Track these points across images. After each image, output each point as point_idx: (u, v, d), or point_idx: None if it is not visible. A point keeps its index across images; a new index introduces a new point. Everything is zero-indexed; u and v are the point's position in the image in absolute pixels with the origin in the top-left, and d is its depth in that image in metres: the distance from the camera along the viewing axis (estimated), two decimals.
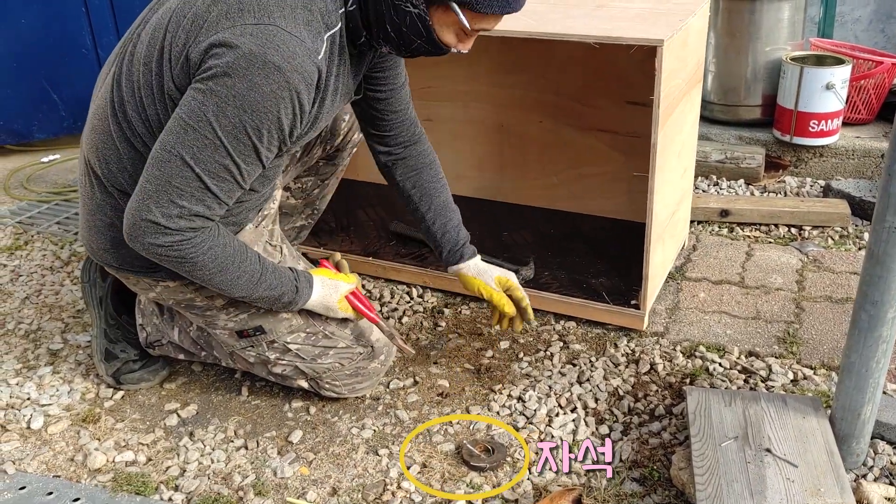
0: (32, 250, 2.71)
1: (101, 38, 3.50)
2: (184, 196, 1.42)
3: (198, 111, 1.38)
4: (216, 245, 1.50)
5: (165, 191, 1.41)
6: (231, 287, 1.57)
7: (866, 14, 3.87)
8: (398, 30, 1.49)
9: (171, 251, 1.46)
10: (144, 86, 1.49)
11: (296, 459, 1.75)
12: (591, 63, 2.43)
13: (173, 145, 1.40)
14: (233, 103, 1.36)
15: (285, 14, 1.38)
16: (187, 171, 1.40)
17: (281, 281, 1.64)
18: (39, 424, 1.87)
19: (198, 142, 1.39)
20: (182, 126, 1.39)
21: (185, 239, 1.45)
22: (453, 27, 1.49)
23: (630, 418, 1.82)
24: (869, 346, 1.50)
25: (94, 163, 1.60)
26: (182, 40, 1.42)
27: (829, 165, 2.98)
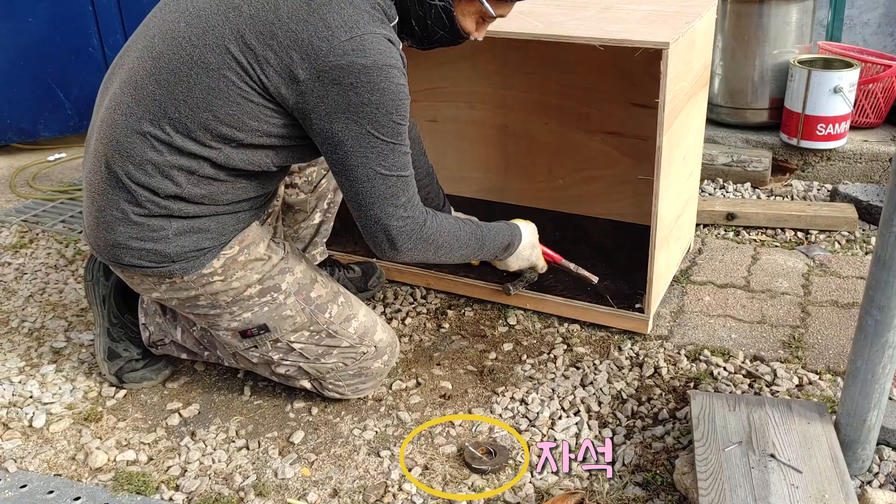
0: (37, 248, 2.71)
1: (107, 38, 3.50)
2: (399, 195, 1.61)
3: (361, 136, 1.53)
4: (438, 217, 1.71)
5: (388, 204, 1.60)
6: (466, 250, 1.79)
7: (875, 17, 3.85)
8: (423, 23, 1.63)
9: (422, 241, 1.66)
10: (213, 89, 1.51)
11: (297, 460, 1.74)
12: (597, 65, 2.42)
13: (366, 171, 1.57)
14: (380, 113, 1.52)
15: (366, 19, 1.51)
16: (390, 180, 1.59)
17: (500, 230, 1.89)
18: (41, 423, 1.87)
19: (380, 156, 1.56)
20: (360, 154, 1.55)
21: (427, 226, 1.66)
22: (475, 15, 1.66)
23: (633, 422, 1.81)
24: (875, 352, 1.48)
25: (112, 157, 1.59)
26: (274, 52, 1.49)
27: (836, 169, 2.96)
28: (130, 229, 1.61)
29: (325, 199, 2.18)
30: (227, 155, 1.56)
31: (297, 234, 2.18)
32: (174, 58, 1.53)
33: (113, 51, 3.53)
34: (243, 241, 1.70)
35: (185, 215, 1.61)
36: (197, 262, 1.65)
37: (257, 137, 1.56)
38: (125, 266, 1.67)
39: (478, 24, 1.68)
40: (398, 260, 1.69)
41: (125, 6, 3.50)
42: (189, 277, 1.67)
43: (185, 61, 1.52)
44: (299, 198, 2.12)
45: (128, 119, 1.57)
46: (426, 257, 1.71)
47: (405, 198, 1.62)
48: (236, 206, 1.67)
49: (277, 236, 1.81)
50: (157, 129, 1.54)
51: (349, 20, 1.48)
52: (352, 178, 1.58)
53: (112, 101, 1.61)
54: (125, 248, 1.64)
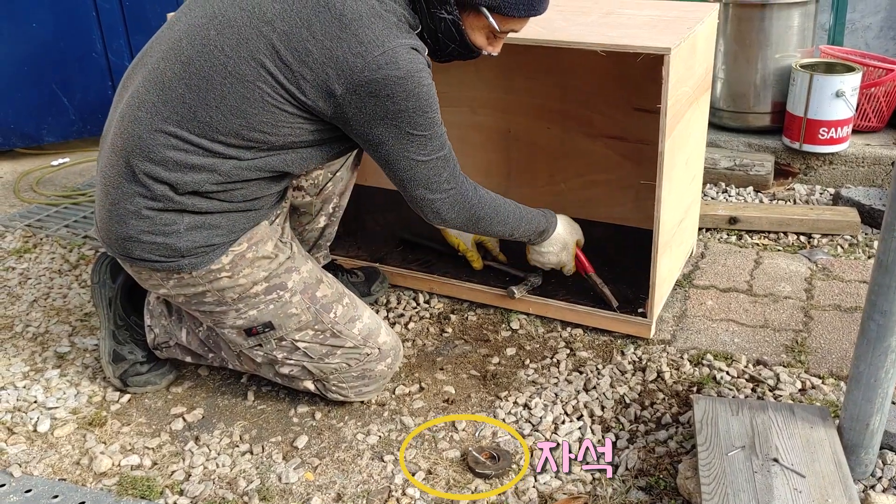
0: (41, 253, 2.72)
1: (111, 43, 3.51)
2: (441, 173, 1.70)
3: (400, 136, 1.62)
4: (478, 189, 1.81)
5: (430, 183, 1.70)
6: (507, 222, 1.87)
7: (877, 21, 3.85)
8: (434, 36, 1.69)
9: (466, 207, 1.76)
10: (245, 98, 1.57)
11: (301, 465, 1.75)
12: (599, 70, 2.42)
13: (408, 162, 1.66)
14: (416, 115, 1.60)
15: (395, 32, 1.58)
16: (431, 162, 1.68)
17: (534, 216, 1.96)
18: (46, 427, 1.88)
19: (419, 146, 1.65)
20: (401, 150, 1.64)
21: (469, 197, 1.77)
22: (484, 30, 1.70)
23: (636, 426, 1.82)
24: (878, 356, 1.48)
25: (132, 152, 1.61)
26: (308, 68, 1.55)
27: (838, 173, 2.97)
28: (143, 223, 1.64)
29: (330, 202, 2.19)
30: (254, 156, 1.62)
31: (302, 237, 2.19)
32: (206, 65, 1.58)
33: (117, 56, 3.54)
34: (252, 239, 1.72)
35: (198, 211, 1.64)
36: (206, 257, 1.67)
37: (289, 140, 1.63)
38: (135, 260, 1.69)
39: (489, 38, 1.74)
40: (441, 226, 1.85)
41: (129, 12, 3.51)
42: (197, 273, 1.68)
43: (217, 70, 1.57)
44: (305, 200, 2.13)
45: (153, 117, 1.60)
46: (469, 226, 1.83)
47: (447, 173, 1.71)
48: (249, 205, 1.70)
49: (285, 236, 1.83)
50: (185, 130, 1.59)
51: (380, 35, 1.55)
52: (395, 168, 1.68)
53: (135, 98, 1.63)
54: (136, 241, 1.66)
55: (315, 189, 2.13)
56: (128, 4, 3.50)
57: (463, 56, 1.76)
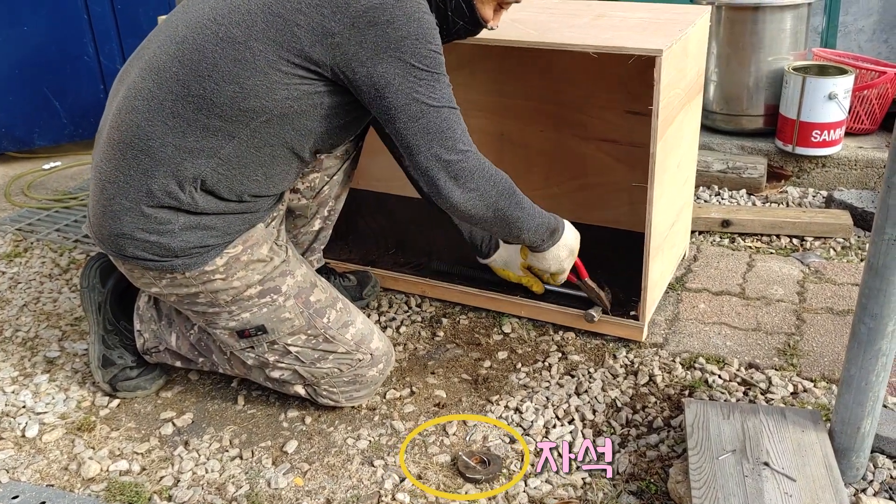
0: (31, 257, 2.70)
1: (103, 47, 3.51)
2: (455, 128, 1.62)
3: (406, 71, 1.55)
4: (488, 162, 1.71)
5: (446, 138, 1.60)
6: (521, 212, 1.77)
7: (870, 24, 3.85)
8: (443, 14, 1.69)
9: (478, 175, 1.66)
10: (244, 60, 1.54)
11: (290, 470, 1.74)
12: (591, 72, 2.42)
13: (419, 107, 1.57)
14: (420, 43, 1.55)
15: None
16: (443, 111, 1.60)
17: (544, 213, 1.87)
18: (34, 433, 1.86)
19: (428, 87, 1.57)
20: (408, 90, 1.55)
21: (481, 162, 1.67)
22: (493, 2, 1.71)
23: (628, 430, 1.81)
24: (868, 359, 1.48)
25: (130, 143, 1.60)
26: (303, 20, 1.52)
27: (831, 176, 2.96)
28: (138, 220, 1.62)
29: (325, 205, 2.18)
30: (252, 133, 1.59)
31: (297, 240, 2.18)
32: (199, 38, 1.57)
33: (109, 59, 3.54)
34: (247, 241, 1.71)
35: (194, 210, 1.63)
36: (200, 258, 1.66)
37: (287, 107, 1.58)
38: (127, 258, 1.68)
39: (495, 10, 1.74)
40: (460, 204, 1.66)
41: (121, 15, 3.51)
42: (190, 274, 1.67)
43: (209, 39, 1.56)
44: (301, 203, 2.12)
45: (150, 103, 1.59)
46: (490, 209, 1.69)
47: (459, 130, 1.63)
48: (245, 206, 1.69)
49: (280, 239, 1.82)
50: (182, 108, 1.57)
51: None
52: (404, 117, 1.58)
53: (131, 89, 1.63)
54: (130, 238, 1.65)
55: (311, 192, 2.12)
56: (119, 8, 3.49)
57: (469, 33, 1.76)
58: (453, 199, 1.65)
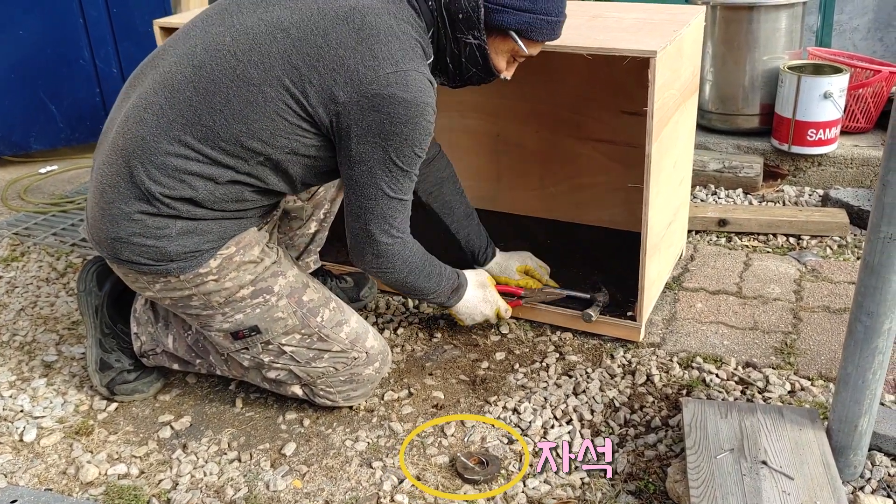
0: (28, 261, 2.70)
1: (98, 51, 3.51)
2: (396, 216, 1.70)
3: (382, 160, 1.61)
4: (415, 248, 1.80)
5: (384, 221, 1.68)
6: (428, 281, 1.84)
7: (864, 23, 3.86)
8: (457, 61, 1.71)
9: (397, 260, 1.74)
10: (250, 103, 1.57)
11: (289, 472, 1.74)
12: (586, 73, 2.42)
13: (376, 191, 1.64)
14: (406, 144, 1.60)
15: (410, 56, 1.59)
16: (394, 202, 1.68)
17: (446, 269, 1.91)
18: (32, 437, 1.86)
19: (392, 180, 1.64)
20: (375, 175, 1.63)
21: (401, 246, 1.74)
22: (507, 54, 1.73)
23: (626, 430, 1.81)
24: (865, 358, 1.48)
25: (133, 153, 1.61)
26: (318, 78, 1.56)
27: (827, 174, 2.97)
28: (135, 225, 1.63)
29: (321, 208, 2.18)
30: (250, 169, 1.62)
31: (292, 242, 2.18)
32: (216, 68, 1.58)
33: (104, 63, 3.54)
34: (240, 242, 1.71)
35: (192, 217, 1.64)
36: (195, 261, 1.66)
37: (285, 155, 1.62)
38: (123, 262, 1.68)
39: (508, 62, 1.76)
40: (373, 274, 1.79)
41: (116, 19, 3.51)
42: (185, 276, 1.67)
43: (226, 73, 1.58)
44: (296, 205, 2.12)
45: (159, 119, 1.60)
46: (397, 278, 1.79)
47: (400, 218, 1.71)
48: (242, 213, 1.70)
49: (271, 241, 1.82)
50: (188, 135, 1.58)
51: (395, 54, 1.56)
52: (361, 193, 1.65)
53: (142, 98, 1.63)
54: (126, 242, 1.65)
55: (307, 195, 2.13)
56: (115, 12, 3.49)
57: (481, 80, 1.78)
58: (367, 268, 1.77)
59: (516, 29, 1.66)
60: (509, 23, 1.65)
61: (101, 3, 3.46)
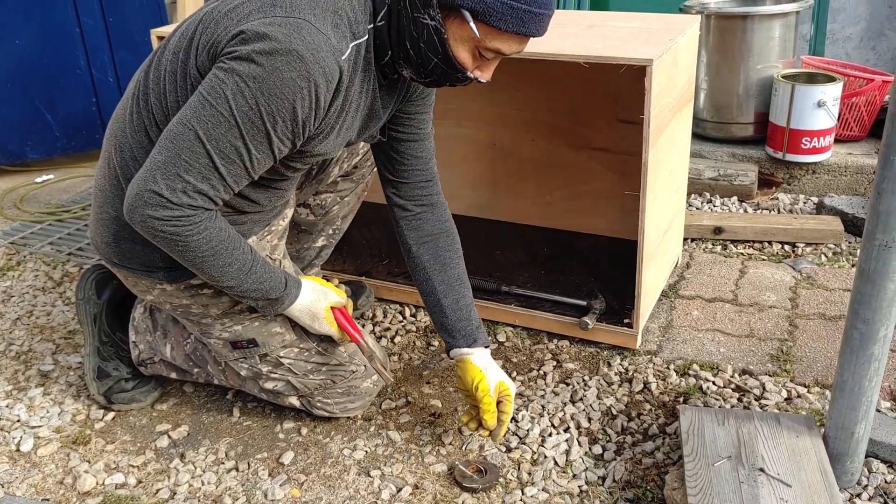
0: (24, 271, 2.70)
1: (95, 59, 3.51)
2: (191, 171, 1.42)
3: (217, 88, 1.39)
4: (211, 227, 1.49)
5: (174, 163, 1.42)
6: (221, 274, 1.55)
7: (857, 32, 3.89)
8: (416, 45, 1.48)
9: (167, 226, 1.44)
10: (170, 73, 1.52)
11: (287, 481, 1.73)
12: (583, 82, 2.44)
13: (189, 119, 1.41)
14: (252, 84, 1.38)
15: (315, 13, 1.41)
16: (198, 147, 1.41)
17: (271, 276, 1.63)
18: (29, 447, 1.86)
19: (213, 118, 1.40)
20: (200, 101, 1.41)
21: (183, 216, 1.44)
22: (468, 43, 1.47)
23: (623, 438, 1.81)
24: (861, 365, 1.49)
25: (112, 153, 1.62)
26: (211, 30, 1.46)
27: (821, 182, 2.99)
28: (123, 229, 1.63)
29: (332, 224, 2.17)
30: None
31: (299, 255, 2.17)
32: (163, 50, 1.58)
33: (100, 72, 3.54)
34: None
35: None
36: (184, 270, 1.63)
37: None
38: (118, 266, 1.68)
39: (474, 56, 1.50)
40: (134, 225, 1.49)
41: (112, 28, 3.51)
42: (177, 285, 1.67)
43: (165, 54, 1.56)
44: (308, 219, 2.11)
45: (125, 112, 1.60)
46: (167, 249, 1.51)
47: (192, 179, 1.42)
48: (230, 221, 1.65)
49: (276, 253, 1.79)
50: (140, 120, 1.57)
51: (297, 5, 1.41)
52: (178, 116, 1.44)
53: (124, 98, 1.65)
54: (117, 247, 1.65)
55: (321, 210, 2.11)
56: (111, 21, 3.50)
57: (448, 76, 1.52)
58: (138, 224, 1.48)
59: (470, 8, 1.40)
60: (462, 1, 1.41)
61: (98, 12, 3.46)
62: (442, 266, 1.83)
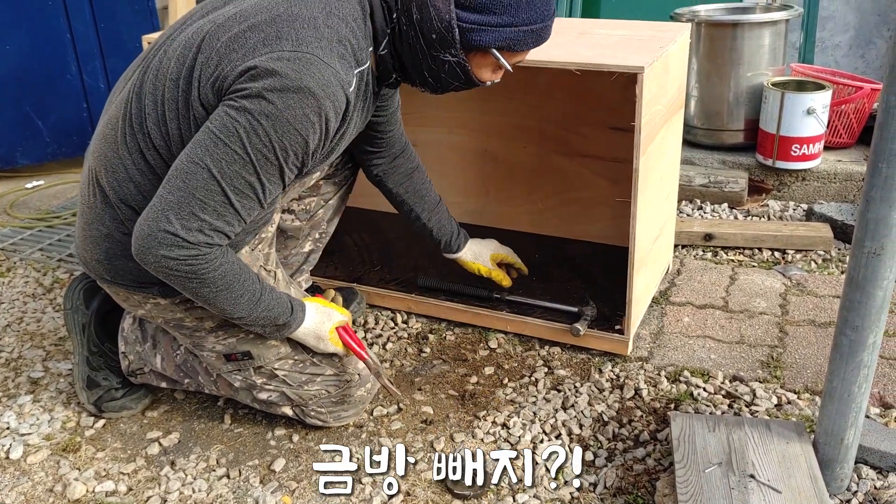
0: (14, 277, 2.69)
1: (86, 66, 3.50)
2: (206, 209, 1.42)
3: (229, 126, 1.40)
4: (225, 262, 1.50)
5: (188, 203, 1.41)
6: (233, 306, 1.56)
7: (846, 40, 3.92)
8: (436, 76, 1.57)
9: (183, 265, 1.44)
10: (170, 101, 1.51)
11: (278, 488, 1.73)
12: (574, 89, 2.44)
13: (200, 157, 1.41)
14: (265, 122, 1.38)
15: (322, 46, 1.42)
16: (213, 185, 1.41)
17: (278, 302, 1.64)
18: (18, 454, 1.85)
19: (227, 156, 1.40)
20: (212, 139, 1.41)
21: (200, 254, 1.44)
22: (490, 66, 1.58)
23: (615, 444, 1.82)
24: (850, 371, 1.50)
25: (99, 173, 1.60)
26: (215, 62, 1.45)
27: (811, 189, 3.00)
28: (114, 246, 1.62)
29: (318, 228, 2.17)
30: None
31: (287, 261, 2.17)
32: (155, 72, 1.55)
33: (91, 78, 3.53)
34: None
35: None
36: None
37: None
38: (109, 282, 1.67)
39: (494, 71, 1.62)
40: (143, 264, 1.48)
41: (104, 34, 3.51)
42: (171, 299, 1.66)
43: (158, 75, 1.54)
44: (294, 224, 2.11)
45: (115, 133, 1.59)
46: (180, 288, 1.51)
47: (208, 218, 1.43)
48: None
49: (270, 264, 1.80)
50: (137, 144, 1.55)
51: (302, 38, 1.41)
52: (188, 154, 1.42)
53: (111, 116, 1.62)
54: (108, 264, 1.64)
55: (306, 215, 2.11)
56: (103, 27, 3.49)
57: (464, 89, 1.63)
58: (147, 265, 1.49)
59: (497, 46, 1.51)
60: (488, 41, 1.50)
61: (89, 19, 3.46)
62: (420, 197, 2.09)
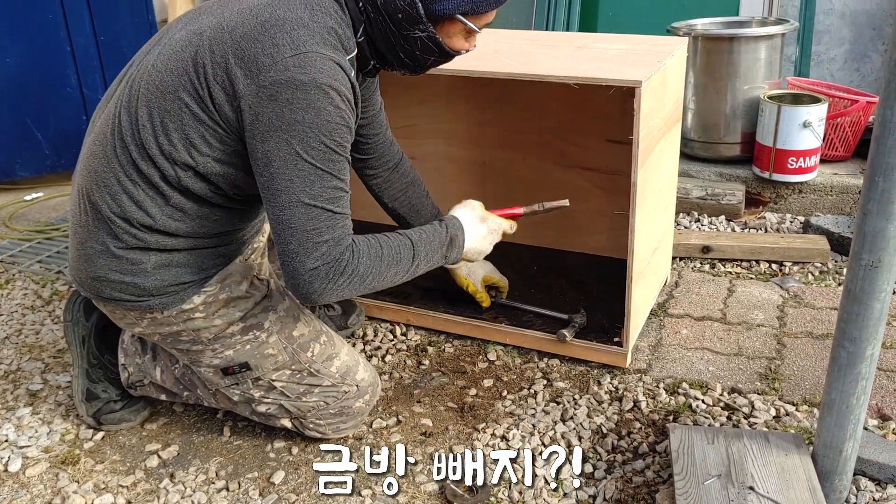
0: (13, 289, 2.69)
1: (86, 78, 3.51)
2: (322, 231, 1.50)
3: (289, 157, 1.47)
4: (363, 245, 1.58)
5: (306, 238, 1.49)
6: (409, 263, 1.65)
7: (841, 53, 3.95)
8: (411, 54, 1.62)
9: (341, 278, 1.53)
10: (173, 112, 1.53)
11: (278, 501, 1.73)
12: (572, 102, 2.46)
13: (286, 200, 1.48)
14: (311, 133, 1.46)
15: (317, 41, 1.49)
16: (312, 211, 1.49)
17: (427, 231, 1.72)
18: (17, 467, 1.85)
19: (305, 179, 1.48)
20: (282, 175, 1.48)
21: (342, 260, 1.53)
22: (461, 33, 1.63)
23: (614, 456, 1.82)
24: (849, 383, 1.50)
25: (91, 189, 1.61)
26: (221, 78, 1.49)
27: (808, 201, 3.02)
28: (110, 262, 1.62)
29: None
30: (188, 185, 1.57)
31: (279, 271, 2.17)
32: (143, 85, 1.56)
33: (91, 90, 3.54)
34: (225, 280, 1.71)
35: (163, 248, 1.62)
36: (177, 297, 1.65)
37: (211, 166, 1.56)
38: (106, 300, 1.67)
39: (466, 38, 1.65)
40: (318, 303, 1.58)
41: (103, 46, 3.52)
42: (169, 312, 1.66)
43: (150, 87, 1.55)
44: None
45: (105, 148, 1.59)
46: (352, 293, 1.58)
47: (329, 236, 1.51)
48: (214, 241, 1.68)
49: (262, 273, 1.81)
50: (129, 157, 1.56)
51: (298, 39, 1.47)
52: (275, 203, 1.49)
53: (98, 133, 1.63)
54: (105, 280, 1.64)
55: None
56: (103, 40, 3.51)
57: (442, 62, 1.69)
58: (304, 301, 1.56)
59: (461, 12, 1.55)
60: (452, 8, 1.55)
61: (89, 31, 3.47)
62: (416, 212, 2.12)
